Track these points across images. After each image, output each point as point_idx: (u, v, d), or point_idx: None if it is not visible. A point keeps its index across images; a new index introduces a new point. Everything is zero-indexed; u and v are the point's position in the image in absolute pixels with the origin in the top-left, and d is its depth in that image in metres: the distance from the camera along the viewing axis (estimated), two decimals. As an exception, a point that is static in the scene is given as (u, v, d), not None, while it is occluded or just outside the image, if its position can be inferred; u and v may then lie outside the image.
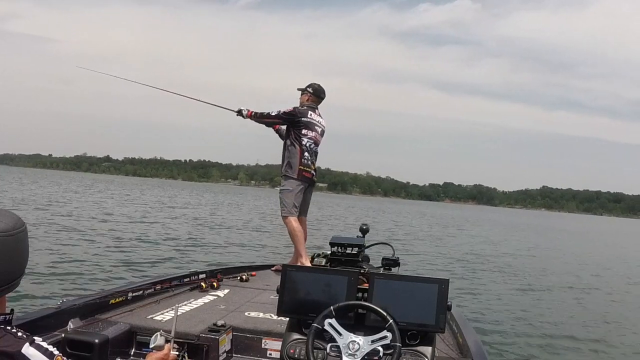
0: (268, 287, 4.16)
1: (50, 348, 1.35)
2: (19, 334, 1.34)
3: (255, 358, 2.87)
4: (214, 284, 4.04)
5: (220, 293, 3.89)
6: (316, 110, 5.31)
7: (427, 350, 2.07)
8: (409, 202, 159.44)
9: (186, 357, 2.69)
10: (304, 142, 5.15)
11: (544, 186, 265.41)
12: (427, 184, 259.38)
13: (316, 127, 5.26)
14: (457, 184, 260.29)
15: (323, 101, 5.42)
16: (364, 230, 3.81)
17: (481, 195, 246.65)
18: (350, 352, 1.98)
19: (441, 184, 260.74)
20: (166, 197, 43.80)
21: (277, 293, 2.23)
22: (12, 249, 1.35)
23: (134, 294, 3.30)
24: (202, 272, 4.19)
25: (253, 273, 4.84)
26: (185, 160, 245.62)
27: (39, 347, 1.32)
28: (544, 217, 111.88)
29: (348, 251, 3.19)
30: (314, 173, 5.28)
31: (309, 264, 4.82)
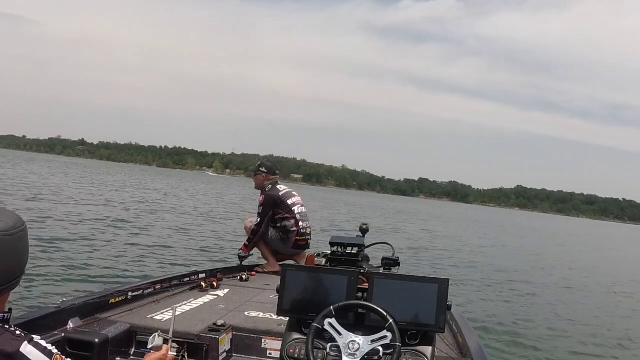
0: (268, 286, 4.16)
1: (50, 347, 1.35)
2: (18, 332, 1.34)
3: (255, 358, 2.87)
4: (214, 283, 4.04)
5: (220, 293, 3.89)
6: (279, 184, 5.22)
7: (427, 350, 2.07)
8: (385, 197, 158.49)
9: (186, 357, 2.69)
10: (294, 212, 5.09)
11: (518, 185, 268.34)
12: (402, 179, 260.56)
13: (293, 193, 5.22)
14: (432, 180, 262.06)
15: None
16: (364, 230, 3.80)
17: (456, 193, 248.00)
18: (350, 351, 1.98)
19: (416, 179, 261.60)
20: (167, 187, 43.59)
21: (277, 293, 2.23)
22: (12, 248, 1.35)
23: (134, 294, 3.30)
24: (202, 272, 4.19)
25: (253, 273, 4.84)
26: (161, 147, 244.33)
27: (37, 346, 1.33)
28: (526, 217, 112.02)
29: (348, 251, 3.18)
30: (309, 237, 5.18)
31: (277, 269, 4.83)
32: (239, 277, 4.49)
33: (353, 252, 3.07)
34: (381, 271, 2.59)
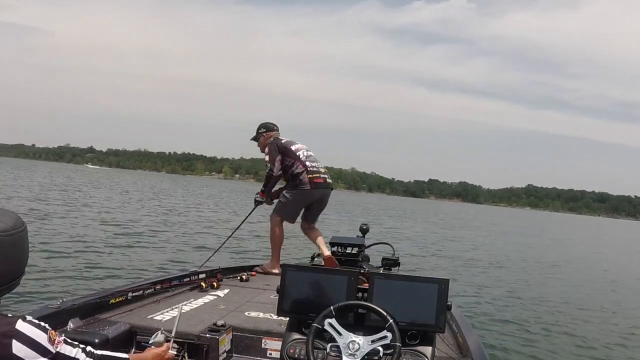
0: (268, 287, 4.16)
1: (43, 323, 1.41)
2: (10, 315, 1.37)
3: (255, 358, 2.87)
4: (214, 283, 4.04)
5: (220, 293, 3.89)
6: (281, 137, 5.34)
7: (427, 350, 2.07)
8: (395, 199, 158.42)
9: (186, 357, 2.69)
10: (299, 156, 5.15)
11: (529, 185, 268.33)
12: (412, 181, 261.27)
13: (296, 141, 5.30)
14: (442, 181, 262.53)
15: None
16: (364, 230, 3.80)
17: (466, 193, 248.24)
18: (350, 352, 1.98)
19: (426, 180, 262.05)
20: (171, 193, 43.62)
21: (277, 293, 2.23)
22: (12, 248, 1.36)
23: (134, 294, 3.30)
24: (202, 272, 4.19)
25: (253, 273, 4.84)
26: (170, 153, 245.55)
27: (32, 322, 1.38)
28: (538, 216, 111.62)
29: (348, 251, 3.19)
30: (326, 176, 5.21)
31: (276, 271, 4.88)
32: (239, 277, 4.49)
33: (353, 252, 3.06)
34: (381, 271, 2.60)
